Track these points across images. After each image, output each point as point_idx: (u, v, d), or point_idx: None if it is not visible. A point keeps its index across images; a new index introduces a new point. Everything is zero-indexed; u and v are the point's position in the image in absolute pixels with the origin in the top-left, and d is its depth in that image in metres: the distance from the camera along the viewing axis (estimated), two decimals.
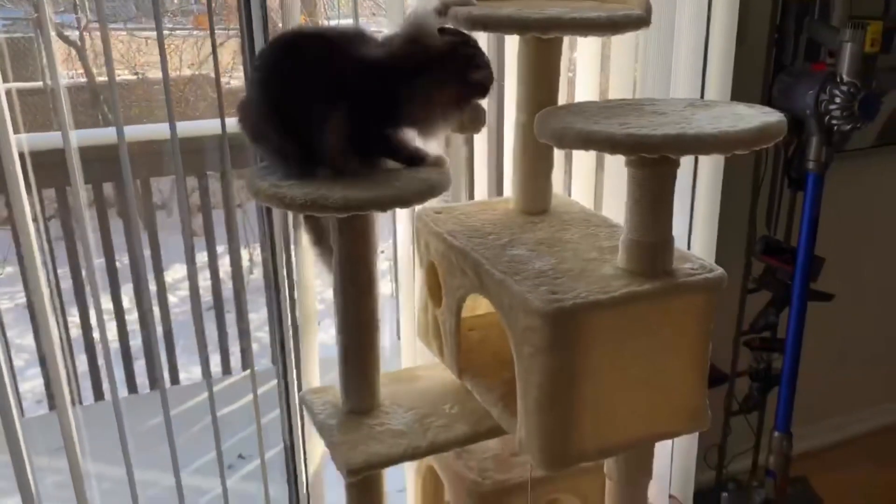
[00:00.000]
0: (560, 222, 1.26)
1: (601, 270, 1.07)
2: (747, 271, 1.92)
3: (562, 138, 1.02)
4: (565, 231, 1.22)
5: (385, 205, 1.05)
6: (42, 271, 1.40)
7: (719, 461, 2.01)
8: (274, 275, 1.52)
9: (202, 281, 2.28)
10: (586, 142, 0.98)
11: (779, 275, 1.85)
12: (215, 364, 2.67)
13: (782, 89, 1.74)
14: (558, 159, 1.49)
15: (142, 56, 4.58)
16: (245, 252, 3.96)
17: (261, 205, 1.44)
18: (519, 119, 1.25)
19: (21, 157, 1.34)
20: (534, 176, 1.29)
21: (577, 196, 1.70)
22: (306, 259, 1.51)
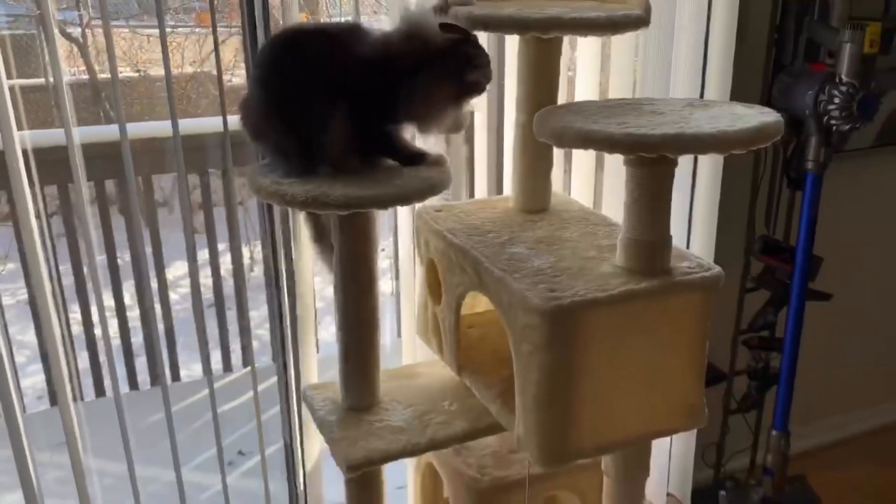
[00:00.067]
0: (559, 221, 1.27)
1: (600, 269, 1.07)
2: (746, 270, 1.92)
3: (561, 137, 1.02)
4: (564, 229, 1.23)
5: (386, 203, 1.05)
6: (44, 268, 1.40)
7: (717, 459, 2.02)
8: (275, 272, 1.52)
9: (203, 278, 2.28)
10: (585, 141, 0.99)
11: (777, 274, 1.85)
12: (216, 361, 2.67)
13: (782, 89, 1.74)
14: (558, 158, 1.49)
15: (144, 53, 4.58)
16: (246, 249, 3.97)
17: (262, 202, 1.44)
18: (519, 118, 1.26)
19: (24, 154, 1.34)
20: (533, 175, 1.29)
21: (576, 195, 1.71)
22: (305, 256, 1.52)
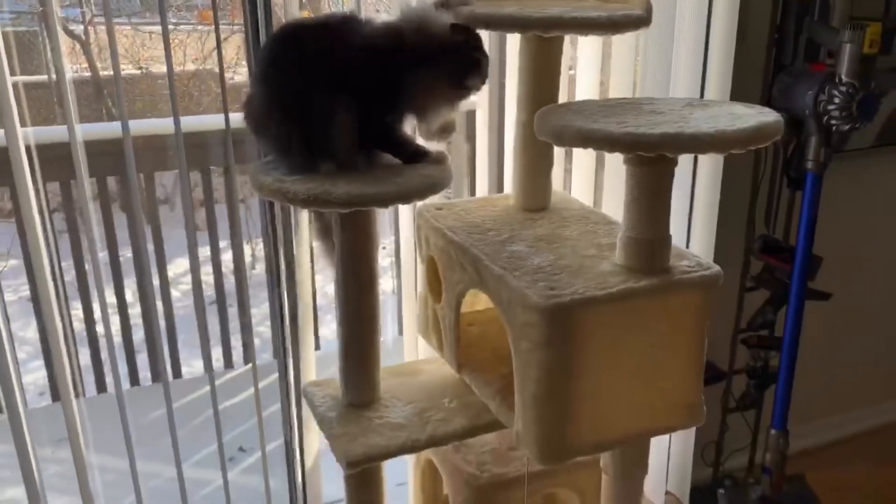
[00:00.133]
0: (560, 219, 1.27)
1: (599, 267, 1.08)
2: (746, 269, 1.93)
3: (561, 136, 1.03)
4: (564, 228, 1.23)
5: (387, 201, 1.06)
6: (46, 264, 1.41)
7: (716, 458, 2.02)
8: (276, 270, 1.53)
9: (205, 275, 2.29)
10: (585, 140, 1.00)
11: (777, 273, 1.86)
12: (217, 358, 2.68)
13: (782, 89, 1.74)
14: (559, 157, 1.50)
15: (146, 50, 4.58)
16: (247, 247, 3.97)
17: (264, 200, 1.45)
18: (519, 117, 1.26)
19: (27, 151, 1.35)
20: (534, 173, 1.30)
21: (577, 193, 1.71)
22: (305, 254, 1.52)
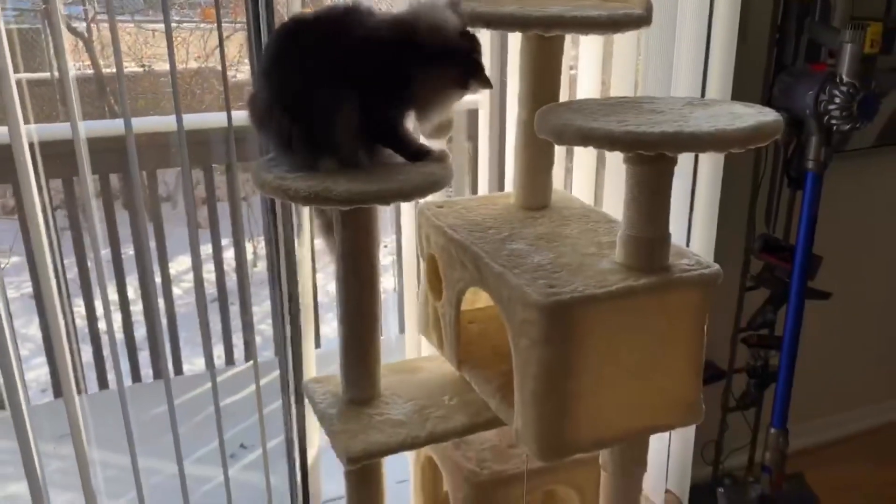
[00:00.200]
0: (560, 217, 1.28)
1: (599, 265, 1.08)
2: (746, 269, 1.93)
3: (561, 135, 1.03)
4: (565, 226, 1.24)
5: (388, 198, 1.06)
6: (49, 261, 1.41)
7: (716, 457, 2.03)
8: (277, 268, 1.54)
9: (206, 273, 2.29)
10: (585, 138, 1.00)
11: (777, 272, 1.86)
12: (219, 355, 2.69)
13: (782, 89, 1.75)
14: (560, 156, 1.50)
15: (148, 48, 4.59)
16: (249, 245, 3.98)
17: (266, 197, 1.45)
18: (520, 116, 1.27)
19: (30, 148, 1.35)
20: (534, 172, 1.30)
21: (577, 192, 1.72)
22: (306, 253, 1.53)
